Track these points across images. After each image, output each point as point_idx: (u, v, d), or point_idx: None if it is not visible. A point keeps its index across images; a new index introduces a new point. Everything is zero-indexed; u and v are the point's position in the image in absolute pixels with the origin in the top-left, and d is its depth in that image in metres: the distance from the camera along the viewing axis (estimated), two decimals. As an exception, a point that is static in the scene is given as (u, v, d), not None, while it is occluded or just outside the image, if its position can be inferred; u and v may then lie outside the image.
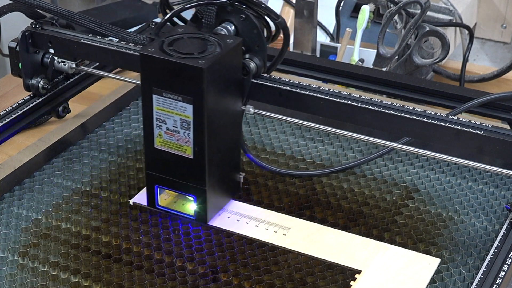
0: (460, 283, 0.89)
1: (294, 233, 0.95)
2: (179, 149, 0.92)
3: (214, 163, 0.93)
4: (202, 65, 0.87)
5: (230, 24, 0.95)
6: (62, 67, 1.12)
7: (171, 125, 0.91)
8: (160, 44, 0.91)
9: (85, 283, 0.89)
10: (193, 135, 0.90)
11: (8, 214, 0.99)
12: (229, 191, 0.99)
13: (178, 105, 0.90)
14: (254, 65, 0.96)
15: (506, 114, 1.06)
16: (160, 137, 0.92)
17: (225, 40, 0.92)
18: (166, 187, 0.96)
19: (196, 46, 0.91)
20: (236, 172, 1.00)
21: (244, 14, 0.94)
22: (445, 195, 1.02)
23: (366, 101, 0.95)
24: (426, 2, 1.25)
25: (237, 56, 0.93)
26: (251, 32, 0.95)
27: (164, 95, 0.90)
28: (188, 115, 0.89)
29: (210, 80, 0.88)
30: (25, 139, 1.14)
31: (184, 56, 0.89)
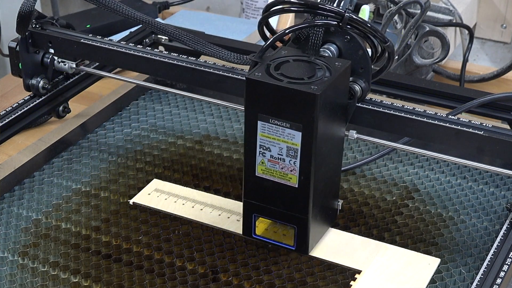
0: (460, 283, 0.89)
1: (294, 233, 0.95)
2: (283, 178, 0.87)
3: (318, 192, 0.88)
4: (315, 91, 0.82)
5: (332, 45, 0.91)
6: (62, 67, 1.12)
7: (276, 152, 0.86)
8: (266, 68, 0.86)
9: (85, 283, 0.89)
10: (299, 164, 0.86)
11: (8, 214, 0.99)
12: (328, 219, 0.95)
13: (285, 132, 0.85)
14: (359, 88, 0.91)
15: (506, 114, 1.06)
16: (262, 164, 0.88)
17: (333, 63, 0.87)
18: (265, 216, 0.91)
19: (305, 70, 0.86)
20: (335, 199, 0.95)
21: (349, 35, 0.89)
22: (445, 195, 1.02)
23: (366, 101, 0.95)
24: (426, 2, 1.25)
25: (345, 80, 0.88)
26: (355, 53, 0.90)
27: (271, 122, 0.85)
28: (296, 142, 0.85)
29: (321, 106, 0.83)
30: (25, 139, 1.14)
31: (293, 81, 0.84)
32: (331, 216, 0.95)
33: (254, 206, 0.91)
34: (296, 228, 0.90)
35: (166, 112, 1.19)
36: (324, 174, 0.89)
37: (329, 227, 0.96)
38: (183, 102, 1.22)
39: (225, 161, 1.08)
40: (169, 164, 1.08)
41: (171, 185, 1.03)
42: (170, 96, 1.23)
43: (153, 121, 1.17)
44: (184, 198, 1.01)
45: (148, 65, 1.05)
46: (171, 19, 1.56)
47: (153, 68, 1.05)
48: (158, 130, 1.15)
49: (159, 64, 1.04)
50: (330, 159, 0.90)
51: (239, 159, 1.08)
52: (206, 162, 1.08)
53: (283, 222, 0.90)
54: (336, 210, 0.96)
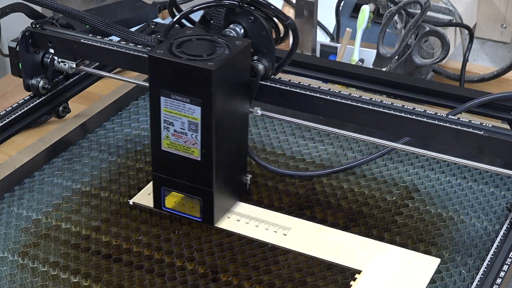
0: (460, 283, 0.89)
1: (294, 233, 0.95)
2: (187, 151, 0.92)
3: (221, 165, 0.93)
4: (211, 67, 0.86)
5: (238, 26, 0.95)
6: (62, 67, 1.12)
7: (178, 127, 0.91)
8: (169, 46, 0.90)
9: (85, 283, 0.89)
10: (200, 137, 0.90)
11: (8, 214, 0.99)
12: (236, 193, 0.99)
13: (186, 107, 0.89)
14: (262, 66, 0.96)
15: (506, 114, 1.06)
16: (167, 139, 0.92)
17: (233, 42, 0.92)
18: (173, 189, 0.95)
19: (205, 48, 0.90)
20: (243, 174, 0.99)
21: (252, 15, 0.94)
22: (445, 195, 1.02)
23: (366, 101, 0.95)
24: (426, 2, 1.25)
25: (245, 58, 0.93)
26: (259, 33, 0.95)
27: (172, 97, 0.89)
28: (196, 117, 0.89)
29: (218, 82, 0.87)
30: (25, 139, 1.14)
31: (193, 58, 0.88)
32: (239, 190, 0.99)
33: (162, 180, 0.95)
34: (201, 200, 0.94)
35: (166, 112, 1.19)
36: (227, 148, 0.93)
37: (238, 201, 0.99)
38: (183, 102, 1.22)
39: (225, 161, 1.08)
40: (169, 164, 1.08)
41: (171, 185, 1.03)
42: (170, 96, 1.23)
43: (153, 121, 1.17)
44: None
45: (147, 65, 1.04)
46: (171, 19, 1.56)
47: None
48: (158, 130, 1.15)
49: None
50: (233, 134, 0.94)
51: (239, 159, 1.08)
52: (206, 162, 1.08)
53: (190, 195, 0.94)
54: (245, 185, 1.00)
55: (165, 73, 0.89)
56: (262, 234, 0.95)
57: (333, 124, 0.99)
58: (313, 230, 0.96)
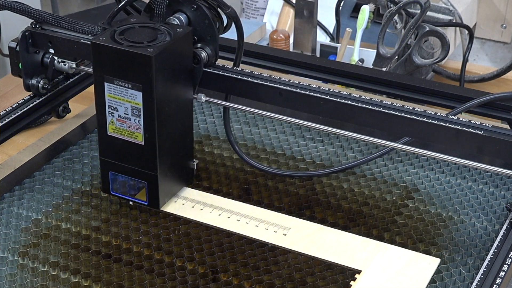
0: (460, 283, 0.89)
1: (294, 233, 0.95)
2: (131, 136, 0.94)
3: (165, 150, 0.95)
4: (150, 53, 0.89)
5: (182, 14, 0.98)
6: (62, 67, 1.12)
7: (122, 112, 0.93)
8: (112, 33, 0.93)
9: (85, 283, 0.89)
10: (143, 122, 0.92)
11: (8, 214, 0.99)
12: (182, 178, 1.01)
13: (128, 93, 0.92)
14: (205, 54, 0.98)
15: (506, 114, 1.06)
16: (112, 124, 0.94)
17: (175, 29, 0.94)
18: (119, 173, 0.97)
19: (146, 35, 0.93)
20: (189, 159, 1.01)
21: (195, 4, 0.96)
22: (445, 195, 1.02)
23: (366, 101, 0.95)
24: (426, 2, 1.25)
25: (186, 44, 0.95)
26: (202, 22, 0.97)
27: (116, 83, 0.92)
28: (138, 102, 0.92)
29: (158, 67, 0.90)
30: (25, 139, 1.14)
31: (133, 44, 0.91)
32: (186, 175, 1.02)
33: (109, 164, 0.98)
34: (147, 184, 0.96)
35: (166, 112, 1.19)
36: (170, 133, 0.95)
37: (185, 186, 1.01)
38: (183, 102, 1.22)
39: (225, 161, 1.08)
40: (169, 164, 1.08)
41: (171, 185, 1.03)
42: (170, 96, 1.23)
43: (153, 121, 1.17)
44: (184, 198, 1.01)
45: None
46: (171, 19, 1.55)
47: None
48: (158, 130, 1.15)
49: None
50: (176, 119, 0.96)
51: (239, 159, 1.08)
52: (206, 162, 1.08)
53: (135, 179, 0.96)
54: (192, 170, 1.02)
55: (107, 60, 0.92)
56: (262, 234, 0.95)
57: (333, 124, 0.99)
58: (313, 230, 0.96)
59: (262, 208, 1.00)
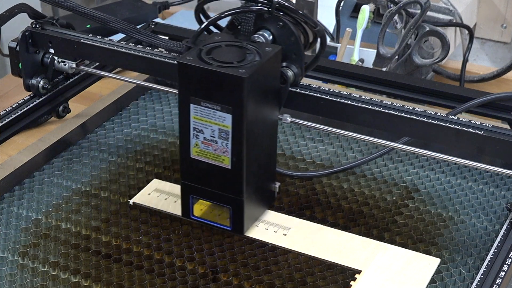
0: (460, 283, 0.89)
1: (294, 233, 0.95)
2: (216, 159, 0.90)
3: (252, 173, 0.91)
4: (242, 74, 0.84)
5: (267, 32, 0.93)
6: (62, 67, 1.12)
7: (208, 134, 0.89)
8: (198, 52, 0.88)
9: (85, 283, 0.89)
10: (231, 145, 0.88)
11: (8, 214, 0.99)
12: (264, 201, 0.97)
13: (216, 115, 0.87)
14: (291, 73, 0.94)
15: (506, 114, 1.06)
16: (196, 147, 0.90)
17: (263, 48, 0.90)
18: (202, 198, 0.94)
19: (235, 54, 0.89)
20: (271, 182, 0.97)
21: (282, 21, 0.92)
22: (445, 195, 1.02)
23: (366, 101, 0.95)
24: (426, 2, 1.25)
25: (276, 64, 0.91)
26: (288, 39, 0.93)
27: (202, 105, 0.87)
28: (227, 124, 0.87)
29: (250, 89, 0.86)
30: (25, 139, 1.14)
31: (223, 65, 0.86)
32: (268, 198, 0.98)
33: (191, 188, 0.93)
34: (231, 209, 0.92)
35: (166, 112, 1.19)
36: (257, 156, 0.91)
37: (267, 209, 0.98)
38: (183, 102, 1.22)
39: (225, 161, 1.08)
40: (169, 164, 1.08)
41: (171, 185, 1.03)
42: (170, 96, 1.23)
43: (153, 121, 1.17)
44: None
45: (148, 65, 1.05)
46: (171, 19, 1.56)
47: (153, 68, 1.05)
48: (158, 130, 1.15)
49: (158, 64, 1.04)
50: (263, 142, 0.92)
51: (239, 159, 1.08)
52: (206, 162, 1.08)
53: (219, 203, 0.92)
54: (273, 193, 0.98)
55: (195, 81, 0.87)
56: (262, 234, 0.95)
57: (333, 124, 0.99)
58: (313, 230, 0.96)
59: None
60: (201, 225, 0.96)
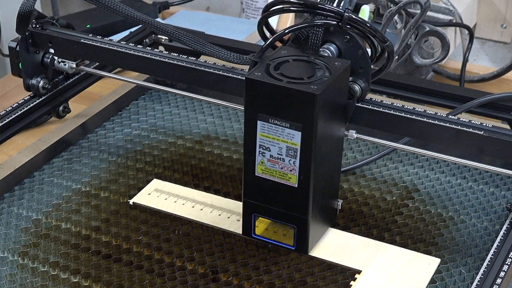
0: (460, 283, 0.89)
1: (294, 233, 0.95)
2: (283, 178, 0.87)
3: (318, 192, 0.88)
4: (314, 91, 0.82)
5: (332, 45, 0.91)
6: (62, 67, 1.12)
7: (275, 152, 0.86)
8: (266, 67, 0.86)
9: (85, 283, 0.89)
10: (299, 163, 0.86)
11: (8, 214, 0.99)
12: (327, 219, 0.95)
13: (285, 132, 0.85)
14: (358, 88, 0.91)
15: (506, 114, 1.06)
16: (262, 164, 0.88)
17: (332, 63, 0.87)
18: (265, 216, 0.91)
19: (305, 70, 0.86)
20: (335, 199, 0.95)
21: (349, 34, 0.90)
22: (445, 195, 1.02)
23: (366, 101, 0.95)
24: (426, 2, 1.25)
25: (345, 80, 0.89)
26: (355, 53, 0.90)
27: (270, 122, 0.85)
28: (296, 142, 0.85)
29: (321, 106, 0.83)
30: (25, 139, 1.14)
31: (293, 81, 0.84)
32: (331, 216, 0.95)
33: (254, 206, 0.91)
34: (296, 228, 0.90)
35: (166, 112, 1.19)
36: (323, 174, 0.89)
37: (329, 227, 0.96)
38: (183, 102, 1.22)
39: (225, 161, 1.08)
40: (169, 164, 1.08)
41: (171, 185, 1.03)
42: (170, 96, 1.23)
43: (153, 121, 1.17)
44: (184, 198, 1.01)
45: (148, 65, 1.05)
46: (171, 19, 1.56)
47: (153, 68, 1.05)
48: (158, 130, 1.15)
49: (159, 64, 1.04)
50: (329, 159, 0.90)
51: (239, 159, 1.08)
52: (206, 162, 1.08)
53: (283, 222, 0.90)
54: (335, 210, 0.96)
55: (263, 97, 0.84)
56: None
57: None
58: (313, 230, 0.96)
59: None
60: (200, 225, 0.96)
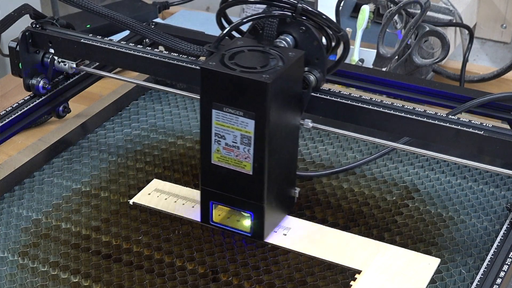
0: (460, 283, 0.89)
1: (294, 233, 0.95)
2: (238, 165, 0.89)
3: (273, 179, 0.91)
4: (266, 80, 0.84)
5: (288, 36, 0.93)
6: (62, 67, 1.12)
7: (230, 140, 0.88)
8: (221, 57, 0.88)
9: (85, 283, 0.89)
10: (253, 151, 0.88)
11: (8, 214, 0.99)
12: (285, 207, 0.97)
13: (239, 120, 0.87)
14: (313, 78, 0.93)
15: (506, 114, 1.06)
16: (218, 152, 0.90)
17: (286, 53, 0.89)
18: (222, 203, 0.94)
19: (258, 59, 0.88)
20: (292, 187, 0.97)
21: (304, 26, 0.92)
22: (445, 195, 1.02)
23: (366, 101, 0.95)
24: (426, 2, 1.25)
25: (299, 69, 0.91)
26: (310, 44, 0.92)
27: (225, 110, 0.87)
28: (250, 130, 0.87)
29: (273, 95, 0.85)
30: (25, 139, 1.14)
31: (246, 70, 0.86)
32: (288, 203, 0.97)
33: (211, 194, 0.93)
34: (252, 215, 0.92)
35: (166, 112, 1.19)
36: (278, 162, 0.91)
37: (287, 215, 0.97)
38: (183, 102, 1.22)
39: (225, 161, 1.08)
40: (169, 164, 1.08)
41: (171, 185, 1.03)
42: (170, 96, 1.23)
43: (153, 121, 1.17)
44: (184, 198, 1.01)
45: (148, 65, 1.05)
46: (171, 19, 1.56)
47: (153, 68, 1.05)
48: (158, 130, 1.15)
49: (159, 64, 1.04)
50: (284, 147, 0.92)
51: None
52: (206, 162, 1.08)
53: (239, 209, 0.92)
54: (293, 198, 0.98)
55: (218, 86, 0.86)
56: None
57: (333, 124, 0.99)
58: (313, 230, 0.96)
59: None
60: (200, 225, 0.96)
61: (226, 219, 0.95)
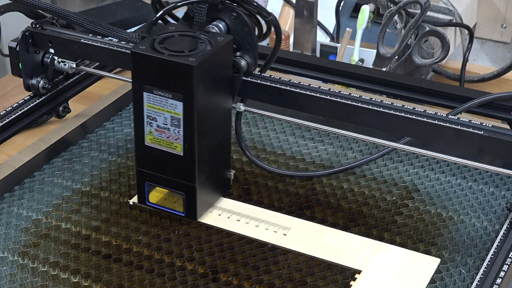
0: (460, 283, 0.89)
1: (294, 233, 0.95)
2: (169, 146, 0.93)
3: (204, 161, 0.94)
4: (192, 63, 0.87)
5: (221, 22, 0.96)
6: (62, 67, 1.12)
7: (161, 122, 0.92)
8: (151, 42, 0.92)
9: (85, 283, 0.89)
10: (183, 133, 0.91)
11: (8, 214, 0.99)
12: (219, 188, 1.00)
13: (168, 103, 0.90)
14: (244, 62, 0.97)
15: (506, 114, 1.06)
16: (150, 134, 0.93)
17: (215, 38, 0.93)
18: (156, 184, 0.96)
19: (187, 44, 0.91)
20: (226, 169, 1.00)
21: (235, 12, 0.95)
22: (445, 195, 1.02)
23: (366, 101, 0.95)
24: (426, 2, 1.25)
25: (227, 53, 0.94)
26: (242, 30, 0.96)
27: (155, 93, 0.90)
28: (179, 112, 0.90)
29: (200, 77, 0.88)
30: (25, 139, 1.14)
31: (174, 54, 0.89)
32: (222, 185, 1.00)
33: (146, 175, 0.96)
34: (184, 195, 0.94)
35: (166, 112, 1.19)
36: (209, 143, 0.94)
37: (221, 197, 1.00)
38: (183, 102, 1.22)
39: (225, 161, 1.08)
40: (169, 164, 1.08)
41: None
42: (170, 96, 1.23)
43: (153, 121, 1.17)
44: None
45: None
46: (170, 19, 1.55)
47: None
48: (158, 130, 1.15)
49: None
50: (215, 129, 0.95)
51: (239, 159, 1.08)
52: (206, 162, 1.08)
53: (173, 190, 0.95)
54: (228, 180, 1.01)
55: (147, 69, 0.90)
56: (262, 234, 0.95)
57: (333, 124, 0.99)
58: (313, 230, 0.96)
59: (262, 208, 1.00)
60: (200, 225, 0.96)
61: (163, 200, 0.97)
